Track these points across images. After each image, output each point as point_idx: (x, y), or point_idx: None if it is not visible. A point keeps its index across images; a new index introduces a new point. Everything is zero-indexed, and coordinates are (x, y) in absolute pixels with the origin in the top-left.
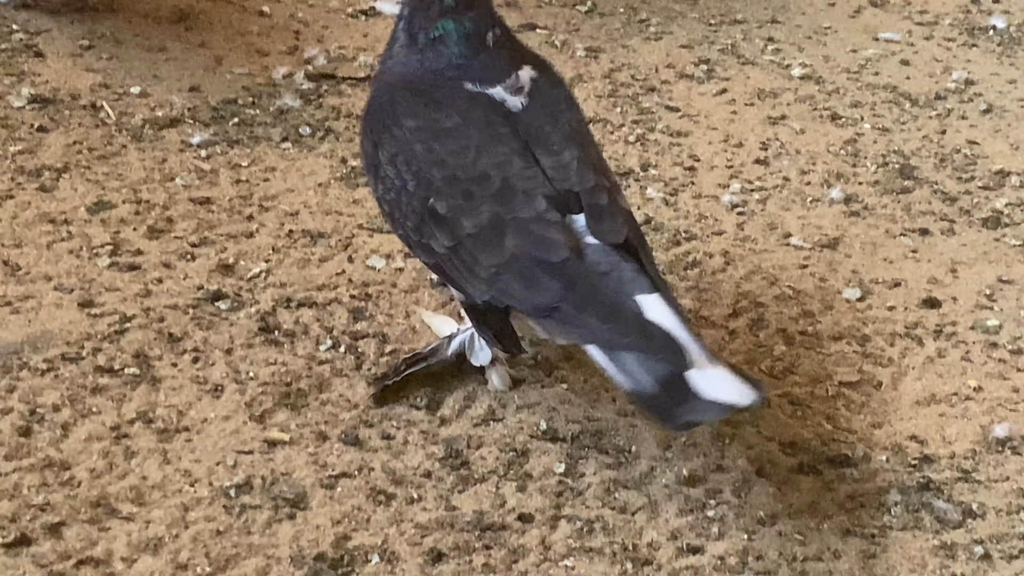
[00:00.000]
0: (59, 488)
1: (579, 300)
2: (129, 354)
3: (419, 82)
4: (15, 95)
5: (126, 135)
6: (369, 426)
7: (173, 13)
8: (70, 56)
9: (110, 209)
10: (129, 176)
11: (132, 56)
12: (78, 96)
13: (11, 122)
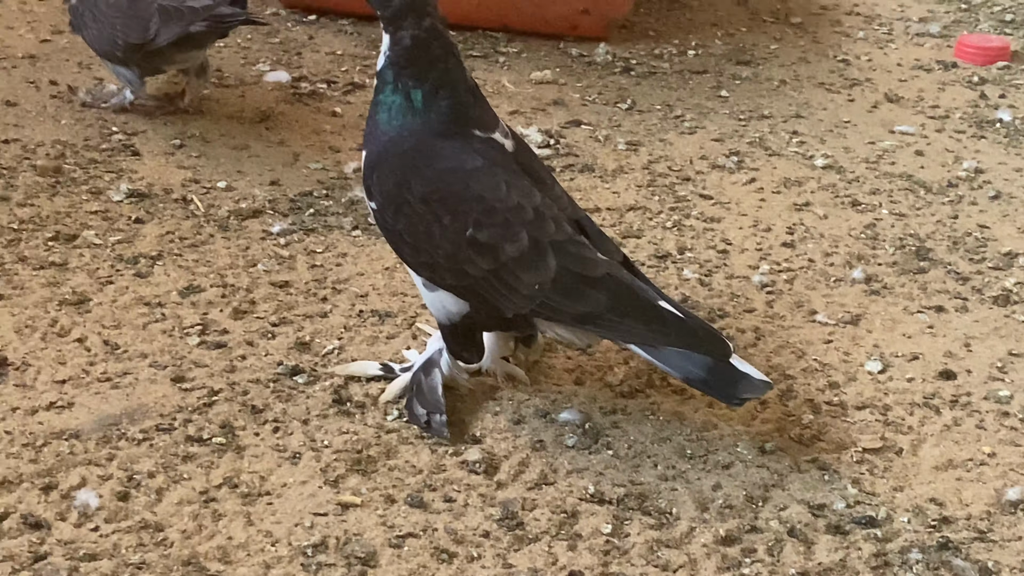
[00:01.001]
0: (154, 548)
1: (621, 308)
2: (216, 425)
3: (433, 132)
4: (115, 190)
5: (213, 225)
6: (432, 490)
7: (255, 114)
8: (163, 154)
9: (199, 292)
10: (216, 262)
11: (219, 153)
12: (171, 190)
13: (111, 214)
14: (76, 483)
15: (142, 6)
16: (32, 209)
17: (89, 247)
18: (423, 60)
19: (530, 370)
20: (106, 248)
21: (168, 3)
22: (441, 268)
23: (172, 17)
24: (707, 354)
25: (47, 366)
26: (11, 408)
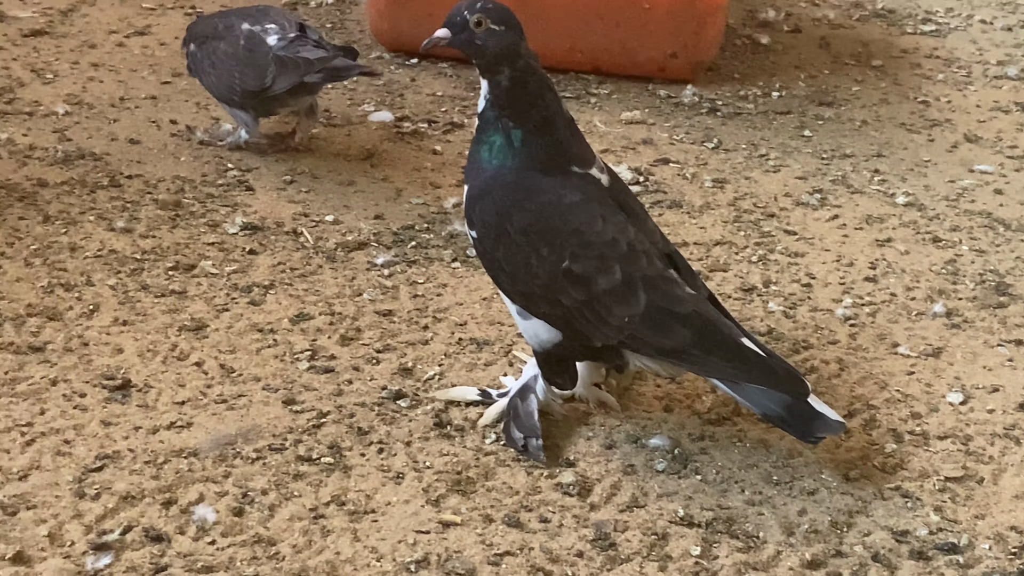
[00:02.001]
0: (267, 561)
1: (705, 344)
2: (325, 445)
3: (533, 168)
4: (230, 223)
5: (322, 256)
6: (529, 510)
7: (361, 152)
8: (275, 189)
9: (308, 320)
10: (324, 292)
11: (327, 189)
12: (282, 224)
13: (227, 246)
14: (194, 499)
15: (259, 56)
16: (154, 240)
17: (206, 276)
18: (521, 101)
19: (621, 397)
20: (222, 277)
21: (284, 54)
22: (536, 297)
23: (288, 67)
24: (786, 393)
25: (167, 388)
26: (134, 427)
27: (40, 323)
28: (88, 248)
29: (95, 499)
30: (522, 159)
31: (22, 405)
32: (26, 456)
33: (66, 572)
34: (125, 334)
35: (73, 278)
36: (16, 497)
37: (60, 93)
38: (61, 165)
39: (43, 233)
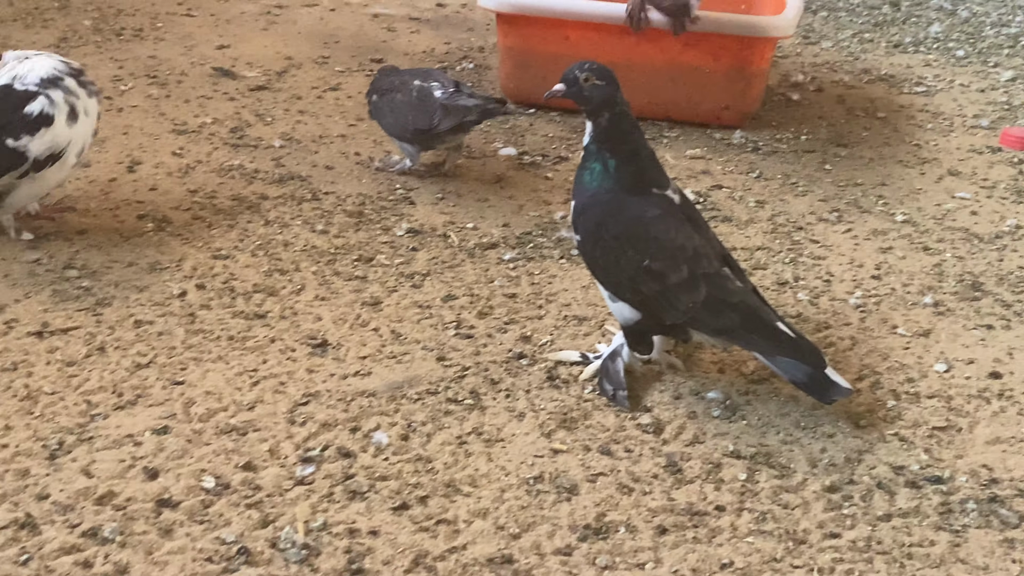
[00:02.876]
0: (426, 474)
1: (749, 325)
2: (467, 391)
3: (623, 189)
4: (398, 228)
5: (464, 253)
6: (616, 443)
7: (493, 177)
8: (431, 204)
9: (454, 300)
10: (466, 279)
11: (468, 204)
12: (435, 229)
13: (395, 244)
14: (373, 427)
15: (429, 103)
16: (343, 239)
17: (381, 266)
18: (616, 137)
19: (685, 361)
20: (392, 268)
21: (447, 102)
22: (623, 286)
23: (450, 112)
24: (809, 365)
25: (354, 346)
26: (330, 374)
27: (262, 298)
28: (296, 244)
29: (302, 425)
30: (615, 182)
31: (249, 356)
32: (253, 393)
33: (281, 476)
34: (323, 307)
35: (286, 265)
36: (246, 422)
37: (276, 132)
38: (277, 184)
39: (264, 233)
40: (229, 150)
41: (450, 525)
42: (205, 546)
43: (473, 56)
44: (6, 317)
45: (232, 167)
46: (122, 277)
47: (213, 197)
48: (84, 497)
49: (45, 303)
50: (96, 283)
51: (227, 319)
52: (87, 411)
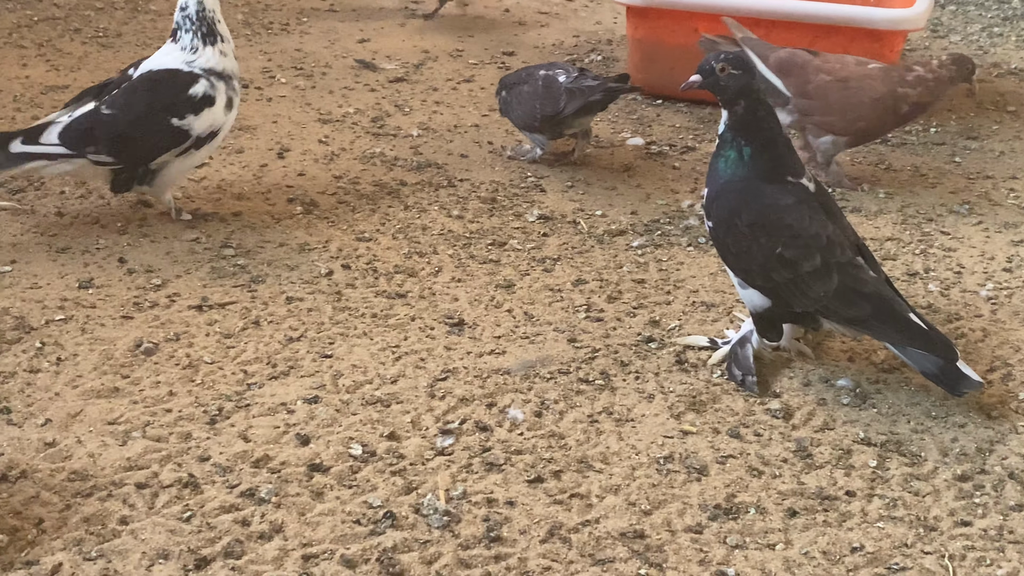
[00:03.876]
0: (558, 449)
1: (881, 315)
2: (597, 371)
3: (757, 177)
4: (529, 214)
5: (593, 240)
6: (745, 427)
7: (621, 166)
8: (560, 191)
9: (584, 284)
10: (595, 264)
11: (596, 192)
12: (565, 215)
13: (527, 230)
14: (508, 403)
15: (554, 89)
16: (478, 224)
17: (514, 251)
18: (752, 125)
19: (815, 349)
20: (524, 252)
21: (572, 85)
22: (754, 273)
23: (575, 95)
24: (940, 357)
25: (489, 326)
26: (467, 352)
27: (403, 278)
28: (434, 228)
29: (441, 399)
30: (749, 170)
31: (392, 333)
32: (395, 368)
33: (423, 447)
34: (459, 288)
35: (424, 248)
36: (389, 395)
37: (414, 121)
38: (415, 171)
39: (404, 217)
40: (371, 138)
41: (583, 499)
42: (353, 509)
43: (601, 48)
44: (169, 291)
45: (373, 154)
46: (274, 256)
47: (356, 183)
48: (242, 460)
49: (204, 279)
50: (250, 261)
51: (370, 297)
52: (244, 380)
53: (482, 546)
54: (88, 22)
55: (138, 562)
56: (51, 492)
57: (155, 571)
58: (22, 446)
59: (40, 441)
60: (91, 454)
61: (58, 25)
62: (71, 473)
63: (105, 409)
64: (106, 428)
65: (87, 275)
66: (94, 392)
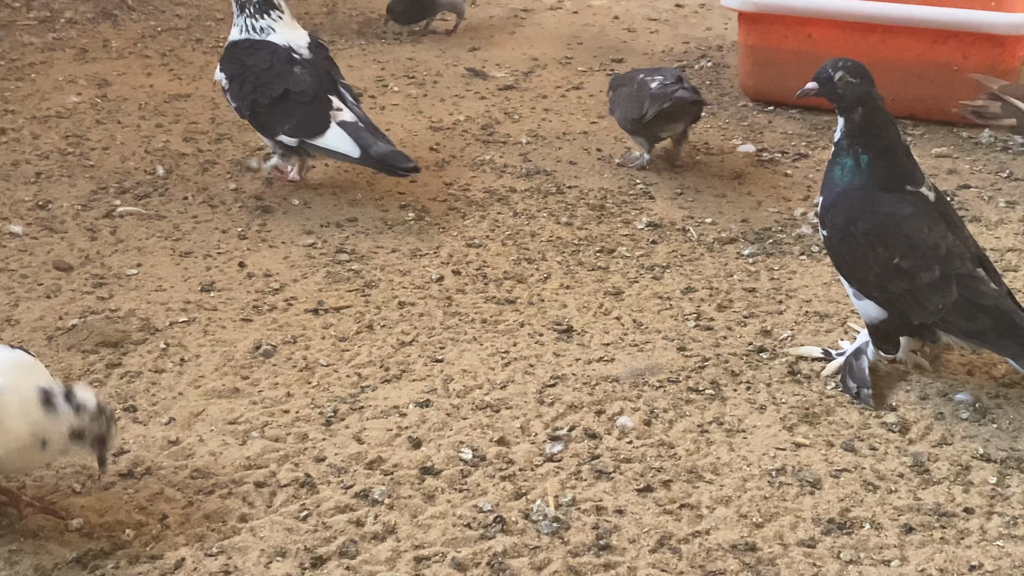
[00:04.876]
0: (668, 459)
1: (1002, 329)
2: (707, 381)
3: (875, 185)
4: (638, 221)
5: (703, 247)
6: (860, 440)
7: (731, 173)
8: (669, 198)
9: (694, 292)
10: (705, 272)
11: (706, 199)
12: (674, 223)
13: (636, 237)
14: (617, 411)
15: (642, 94)
16: (586, 231)
17: (622, 258)
18: (869, 133)
19: (932, 362)
20: (632, 259)
21: (657, 91)
22: (870, 284)
23: (655, 100)
24: None
25: (597, 333)
26: (575, 359)
27: (512, 284)
28: (543, 235)
29: (550, 405)
30: (866, 178)
31: (501, 339)
32: (505, 373)
33: (532, 452)
34: (568, 294)
35: (533, 255)
36: (499, 400)
37: (523, 129)
38: (524, 178)
39: (513, 223)
40: (480, 145)
41: (693, 510)
42: (464, 513)
43: (711, 55)
44: (287, 295)
45: (483, 161)
46: (387, 262)
47: (467, 189)
48: (356, 461)
49: (320, 284)
50: (364, 267)
51: (480, 303)
52: (358, 383)
53: (591, 554)
54: (209, 32)
55: (257, 559)
56: (175, 489)
57: (273, 568)
58: (147, 443)
59: (164, 439)
60: (212, 452)
61: (180, 35)
62: (194, 471)
63: (226, 409)
64: (227, 427)
65: (209, 279)
66: (215, 392)
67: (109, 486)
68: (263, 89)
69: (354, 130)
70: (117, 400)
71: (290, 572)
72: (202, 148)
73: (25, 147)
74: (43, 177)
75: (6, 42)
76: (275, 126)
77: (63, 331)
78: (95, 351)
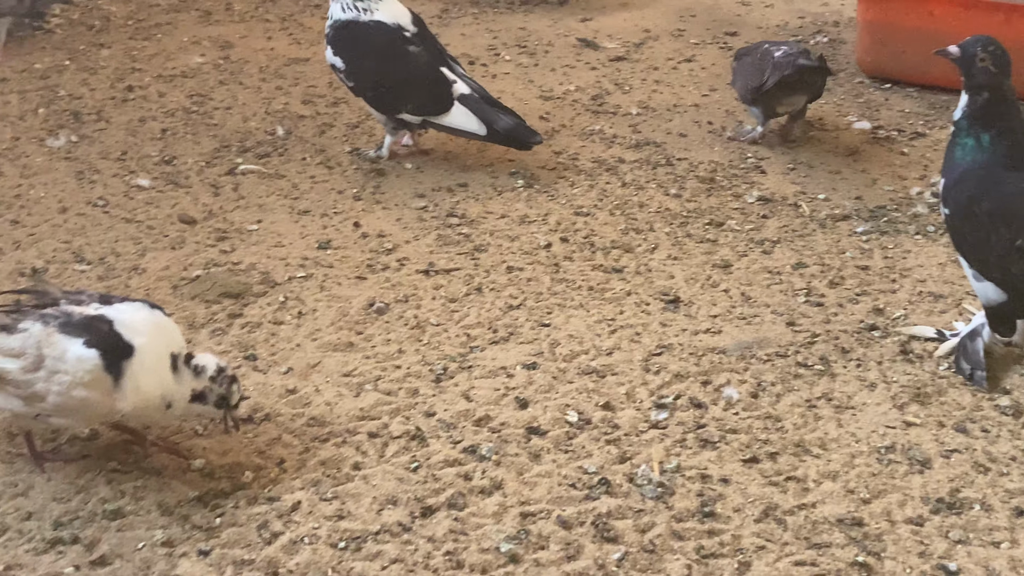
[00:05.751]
0: (775, 432)
1: None
2: (816, 357)
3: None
4: (748, 195)
5: (815, 224)
6: (972, 422)
7: (846, 150)
8: (781, 173)
9: (805, 268)
10: (816, 248)
11: (819, 175)
12: (786, 198)
13: (746, 211)
14: (723, 382)
15: (765, 62)
16: (695, 204)
17: (732, 231)
18: (992, 114)
19: None
20: (742, 233)
21: (780, 59)
22: (991, 265)
23: (777, 68)
24: None
25: (704, 305)
26: (682, 329)
27: (619, 253)
28: (651, 206)
29: (656, 374)
30: (989, 157)
31: (608, 306)
32: (611, 340)
33: (637, 419)
34: (675, 265)
35: (641, 225)
36: (605, 366)
37: (634, 100)
38: (634, 148)
39: (622, 194)
40: (590, 116)
41: (799, 483)
42: (569, 473)
43: (827, 30)
44: (399, 255)
45: (593, 132)
46: (496, 227)
47: (575, 159)
48: (464, 418)
49: (431, 245)
50: (474, 231)
51: (587, 271)
52: (467, 343)
53: (695, 520)
54: None
55: (369, 505)
56: (292, 435)
57: (384, 515)
58: (266, 391)
59: (283, 388)
60: (328, 403)
61: (300, 1)
62: (310, 419)
63: (341, 362)
64: (342, 379)
65: (325, 237)
66: (331, 345)
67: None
68: (384, 71)
69: (476, 105)
70: (238, 349)
71: (400, 519)
72: (320, 111)
73: (152, 104)
74: (169, 134)
75: (134, 3)
76: (398, 105)
77: (187, 281)
78: (218, 301)
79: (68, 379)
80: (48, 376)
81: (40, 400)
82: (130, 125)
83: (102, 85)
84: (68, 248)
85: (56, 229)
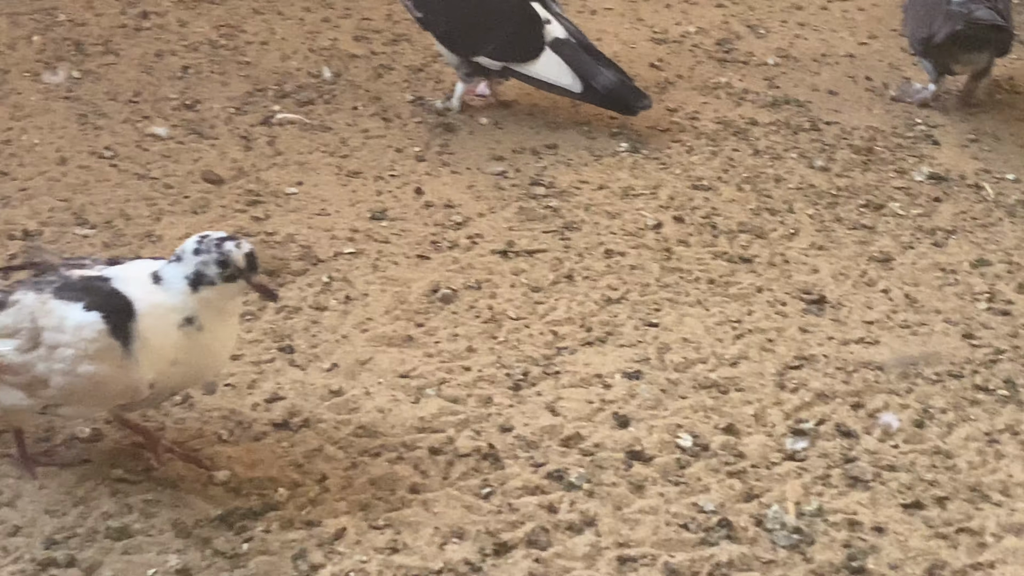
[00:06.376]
0: (944, 471)
1: None
2: (1000, 379)
3: None
4: (916, 172)
5: (1002, 210)
6: None
7: None
8: (959, 146)
9: (987, 266)
10: (1003, 242)
11: (1008, 150)
12: (965, 177)
13: (913, 191)
14: (880, 406)
15: (936, 9)
16: (847, 179)
17: (894, 216)
18: None
19: None
20: (907, 219)
21: (954, 8)
22: None
23: (949, 19)
24: None
25: (857, 308)
26: (827, 337)
27: (748, 239)
28: (790, 180)
29: (793, 392)
30: None
31: (732, 304)
32: (736, 347)
33: (768, 447)
34: (820, 257)
35: (777, 204)
36: (728, 379)
37: (771, 47)
38: (769, 108)
39: (753, 164)
40: (715, 65)
41: (974, 536)
42: (680, 511)
43: None
44: (470, 231)
45: (718, 85)
46: (592, 200)
47: (695, 118)
48: (549, 436)
49: (510, 220)
50: (564, 204)
51: (707, 259)
52: (553, 343)
53: None
54: None
55: (430, 538)
56: (336, 447)
57: (448, 551)
58: (306, 391)
59: (325, 388)
60: (380, 409)
61: None
62: (358, 428)
63: (397, 359)
64: (397, 381)
65: (380, 205)
66: (385, 339)
67: (261, 436)
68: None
69: (572, 54)
70: (272, 338)
71: (468, 557)
72: (376, 50)
73: (171, 36)
74: (191, 72)
75: None
76: (475, 45)
77: None
78: None
79: (71, 352)
80: (48, 353)
81: (43, 386)
82: (144, 60)
83: (111, 10)
84: (68, 207)
85: (53, 184)
